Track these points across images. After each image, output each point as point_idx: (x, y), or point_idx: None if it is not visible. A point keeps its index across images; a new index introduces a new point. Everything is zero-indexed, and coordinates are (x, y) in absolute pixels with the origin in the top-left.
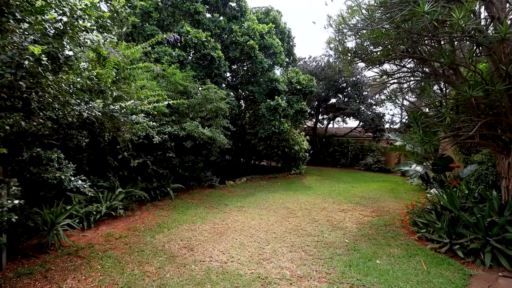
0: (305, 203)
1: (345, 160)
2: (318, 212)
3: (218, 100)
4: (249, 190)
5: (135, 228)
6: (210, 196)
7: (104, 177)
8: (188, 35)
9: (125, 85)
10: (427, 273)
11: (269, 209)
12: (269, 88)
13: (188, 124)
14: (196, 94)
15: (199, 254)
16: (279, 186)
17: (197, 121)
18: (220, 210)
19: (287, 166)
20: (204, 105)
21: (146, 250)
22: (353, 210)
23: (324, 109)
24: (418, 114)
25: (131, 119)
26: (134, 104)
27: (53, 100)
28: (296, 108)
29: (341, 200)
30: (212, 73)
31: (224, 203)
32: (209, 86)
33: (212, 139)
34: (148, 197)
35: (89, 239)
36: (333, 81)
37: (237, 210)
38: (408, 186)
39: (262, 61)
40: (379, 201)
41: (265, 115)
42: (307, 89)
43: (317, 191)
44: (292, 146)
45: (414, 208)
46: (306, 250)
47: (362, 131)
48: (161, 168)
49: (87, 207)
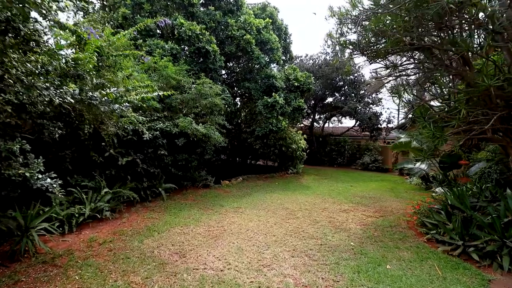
0: (305, 203)
1: (342, 160)
2: (319, 212)
3: (213, 96)
4: (246, 190)
5: (122, 231)
6: (205, 197)
7: (89, 177)
8: (182, 27)
9: (110, 73)
10: (443, 279)
11: (268, 210)
12: (266, 85)
13: (181, 120)
14: (190, 89)
15: (192, 261)
16: (277, 186)
17: (190, 117)
18: (216, 212)
19: (284, 166)
20: (198, 101)
21: (133, 257)
22: (355, 211)
23: (321, 108)
24: (424, 109)
25: (114, 108)
26: (118, 92)
27: (15, 82)
28: (293, 105)
29: (342, 200)
30: (207, 68)
31: (220, 204)
32: (204, 80)
33: (207, 137)
34: (137, 197)
35: (69, 245)
36: (330, 79)
37: (233, 211)
38: (407, 185)
39: (259, 56)
40: (380, 200)
41: (262, 113)
42: (305, 86)
43: (316, 190)
44: (290, 145)
45: (420, 208)
46: (309, 255)
47: (359, 130)
48: (152, 167)
49: (69, 209)
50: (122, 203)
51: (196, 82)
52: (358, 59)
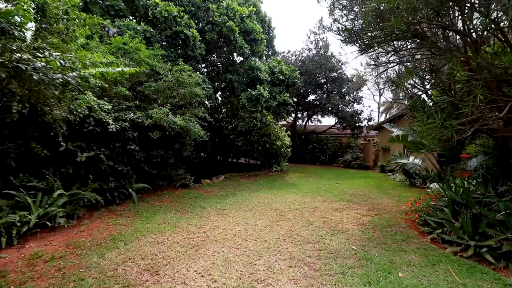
0: (294, 202)
1: (324, 157)
2: (310, 212)
3: (193, 85)
4: (229, 189)
5: (78, 243)
6: (183, 198)
7: (40, 176)
8: (157, 8)
9: (57, 40)
10: (463, 286)
11: (255, 211)
12: (250, 77)
13: (156, 111)
14: (166, 76)
15: (168, 280)
16: (262, 184)
17: (167, 108)
18: (196, 214)
19: (268, 163)
20: (176, 90)
21: (89, 278)
22: (348, 209)
23: (303, 106)
24: (421, 100)
25: (54, 78)
26: (65, 60)
27: None
28: (279, 99)
29: (332, 198)
30: (186, 55)
31: (201, 206)
32: (182, 67)
33: (186, 130)
34: (102, 200)
35: (3, 264)
36: (314, 74)
37: (216, 213)
38: (391, 182)
39: (243, 46)
40: (370, 198)
41: (246, 106)
42: (290, 80)
43: (303, 188)
44: (274, 142)
45: (421, 205)
46: (309, 264)
47: (340, 128)
48: (121, 164)
49: (8, 216)
50: (82, 207)
51: (174, 69)
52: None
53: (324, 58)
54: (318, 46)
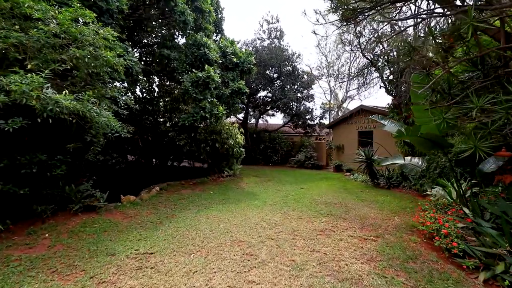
0: (262, 224)
1: (277, 158)
2: (291, 242)
3: (100, 47)
4: (164, 209)
5: None
6: (79, 234)
7: None
8: None
9: None
10: None
11: (206, 252)
12: (195, 56)
13: (17, 78)
14: (48, 25)
15: None
16: (213, 197)
17: (41, 77)
18: (92, 277)
19: (218, 167)
20: (66, 50)
21: None
22: (336, 229)
23: (254, 102)
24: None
25: None
26: None
27: None
28: (232, 87)
29: (307, 212)
30: (94, 7)
31: (109, 250)
32: (81, 13)
33: (85, 118)
34: None
35: None
36: (267, 66)
37: (136, 267)
38: (354, 183)
39: (185, 12)
40: (350, 208)
41: (190, 92)
42: (245, 65)
43: (266, 199)
44: (225, 140)
45: (443, 225)
46: None
47: (292, 127)
48: None
49: None
50: None
51: (63, 14)
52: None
53: (279, 48)
54: (271, 36)
